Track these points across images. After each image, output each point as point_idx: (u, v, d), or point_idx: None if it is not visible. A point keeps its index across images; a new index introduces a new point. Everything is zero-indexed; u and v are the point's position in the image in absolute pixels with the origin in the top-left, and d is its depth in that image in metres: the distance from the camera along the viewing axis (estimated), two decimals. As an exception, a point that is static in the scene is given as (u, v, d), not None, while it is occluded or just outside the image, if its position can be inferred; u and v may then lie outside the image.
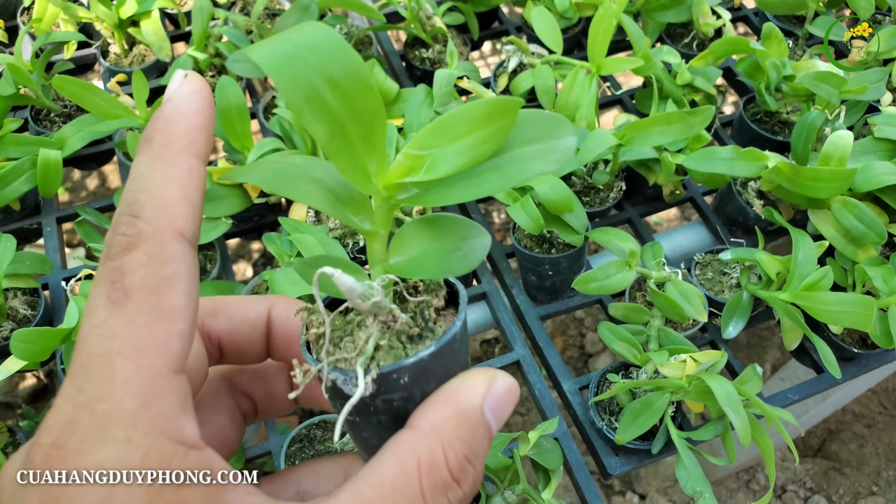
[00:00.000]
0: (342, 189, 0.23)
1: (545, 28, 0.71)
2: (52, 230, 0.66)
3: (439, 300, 0.25)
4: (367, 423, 0.24)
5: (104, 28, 0.75)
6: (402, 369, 0.23)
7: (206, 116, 0.22)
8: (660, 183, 0.67)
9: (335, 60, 0.20)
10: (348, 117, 0.21)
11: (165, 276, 0.21)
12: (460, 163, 0.22)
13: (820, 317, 0.56)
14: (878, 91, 0.69)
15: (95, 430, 0.19)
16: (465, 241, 0.24)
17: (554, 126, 0.22)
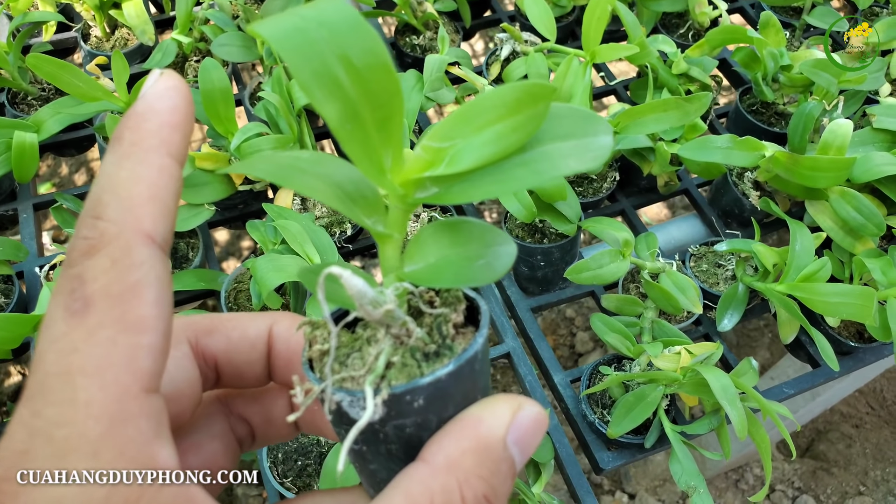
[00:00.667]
0: (353, 187, 0.20)
1: (539, 15, 0.69)
2: (28, 216, 0.64)
3: (458, 315, 0.22)
4: (375, 454, 0.22)
5: (85, 10, 0.73)
6: (417, 390, 0.20)
7: (182, 114, 0.20)
8: (654, 173, 0.66)
9: (350, 37, 0.18)
10: (363, 100, 0.18)
11: (131, 284, 0.18)
12: (487, 154, 0.19)
13: (818, 308, 0.55)
14: (877, 81, 0.68)
15: (53, 460, 0.17)
16: (489, 249, 0.21)
17: (590, 122, 0.21)
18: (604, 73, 0.79)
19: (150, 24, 0.72)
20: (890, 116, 0.64)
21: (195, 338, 0.25)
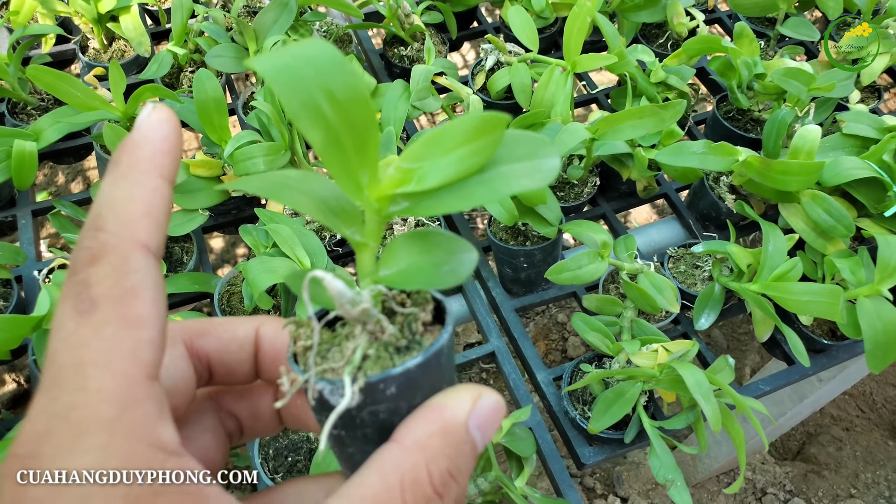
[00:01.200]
0: (335, 201, 0.23)
1: (521, 27, 0.72)
2: (27, 223, 0.66)
3: (426, 314, 0.24)
4: (352, 438, 0.24)
5: (83, 23, 0.75)
6: (390, 379, 0.23)
7: (172, 142, 0.23)
8: (633, 178, 0.68)
9: (333, 74, 0.21)
10: (343, 127, 0.21)
11: (130, 286, 0.21)
12: (451, 174, 0.22)
13: (789, 307, 0.57)
14: (847, 88, 0.71)
15: (71, 438, 0.19)
16: (453, 256, 0.24)
17: (540, 147, 0.23)
18: (585, 82, 0.81)
19: (146, 36, 0.75)
20: (859, 122, 0.66)
21: (190, 339, 0.27)
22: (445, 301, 0.24)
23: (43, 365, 0.20)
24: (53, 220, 0.61)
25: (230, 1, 0.81)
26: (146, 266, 0.21)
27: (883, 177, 0.61)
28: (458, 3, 0.80)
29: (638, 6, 0.80)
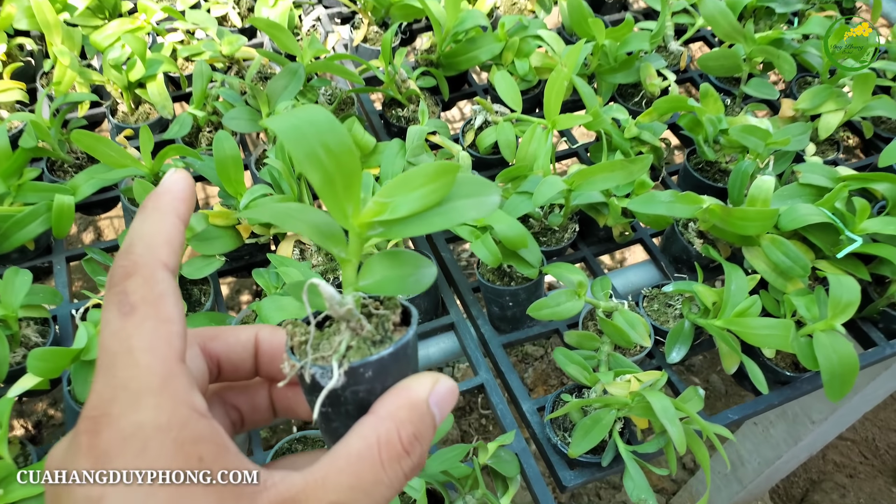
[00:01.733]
0: (326, 227, 0.29)
1: (506, 89, 0.80)
2: (61, 268, 0.73)
3: (396, 316, 0.31)
4: (337, 413, 0.30)
5: (114, 89, 0.84)
6: (367, 365, 0.28)
7: (187, 193, 0.30)
8: (609, 225, 0.75)
9: (328, 132, 0.27)
10: (335, 171, 0.28)
11: (159, 293, 0.27)
12: (415, 207, 0.28)
13: (749, 340, 0.63)
14: (802, 143, 0.78)
15: (131, 401, 0.25)
16: (417, 270, 0.31)
17: (484, 187, 0.30)
18: (567, 137, 0.89)
19: (169, 100, 0.83)
20: (814, 173, 0.73)
21: (203, 342, 0.34)
22: (412, 307, 0.31)
23: (98, 354, 0.27)
24: (87, 265, 0.68)
25: (244, 68, 0.90)
26: (167, 279, 0.28)
27: (835, 222, 0.68)
28: (450, 69, 0.88)
29: (614, 69, 0.88)
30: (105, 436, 0.25)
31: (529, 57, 0.88)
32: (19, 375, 0.58)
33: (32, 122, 0.71)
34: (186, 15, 0.89)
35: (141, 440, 0.25)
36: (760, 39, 0.87)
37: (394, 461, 0.27)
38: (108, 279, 0.28)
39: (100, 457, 0.25)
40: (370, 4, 0.96)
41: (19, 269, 0.63)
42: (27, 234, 0.69)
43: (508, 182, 0.74)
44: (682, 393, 0.67)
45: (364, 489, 0.27)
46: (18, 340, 0.63)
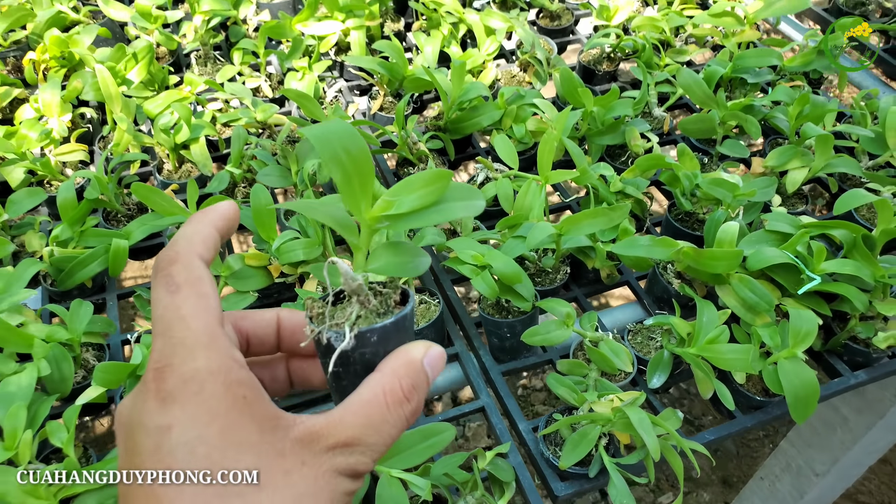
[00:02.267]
0: (343, 219, 0.37)
1: (505, 150, 0.91)
2: (113, 304, 0.83)
3: (397, 296, 0.38)
4: (346, 372, 0.36)
5: (161, 150, 0.96)
6: (373, 331, 0.35)
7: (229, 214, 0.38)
8: (597, 267, 0.84)
9: (348, 139, 0.35)
10: (353, 172, 0.35)
11: (197, 276, 0.34)
12: (416, 205, 0.36)
13: (719, 364, 0.71)
14: (768, 194, 0.88)
15: (188, 353, 0.32)
16: (414, 258, 0.38)
17: (473, 193, 0.38)
18: (560, 192, 0.99)
19: (209, 159, 0.94)
20: (779, 221, 0.82)
21: (235, 321, 0.41)
22: (411, 290, 0.39)
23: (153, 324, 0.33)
24: (137, 301, 0.78)
25: (275, 133, 1.02)
26: (203, 267, 0.35)
27: (797, 263, 0.77)
28: (456, 133, 1.00)
29: (601, 132, 0.99)
30: (169, 380, 0.31)
31: (526, 122, 0.99)
32: (80, 393, 0.67)
33: (96, 177, 0.83)
34: (225, 87, 1.02)
35: (198, 382, 0.31)
36: (732, 106, 0.98)
37: (397, 405, 0.35)
38: (154, 265, 0.36)
39: (166, 397, 0.31)
40: (385, 78, 1.09)
41: (83, 301, 0.73)
42: (87, 273, 0.79)
43: (506, 229, 0.84)
44: (661, 412, 0.75)
45: (374, 426, 0.34)
46: (80, 363, 0.73)
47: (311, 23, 1.13)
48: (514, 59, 1.24)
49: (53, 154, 0.93)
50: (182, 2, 1.28)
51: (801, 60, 1.12)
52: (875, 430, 1.40)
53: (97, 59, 0.99)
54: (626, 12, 1.27)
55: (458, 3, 1.21)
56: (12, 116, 1.00)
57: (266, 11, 1.24)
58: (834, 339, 0.80)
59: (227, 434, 0.31)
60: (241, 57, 1.11)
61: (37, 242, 0.83)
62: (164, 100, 0.96)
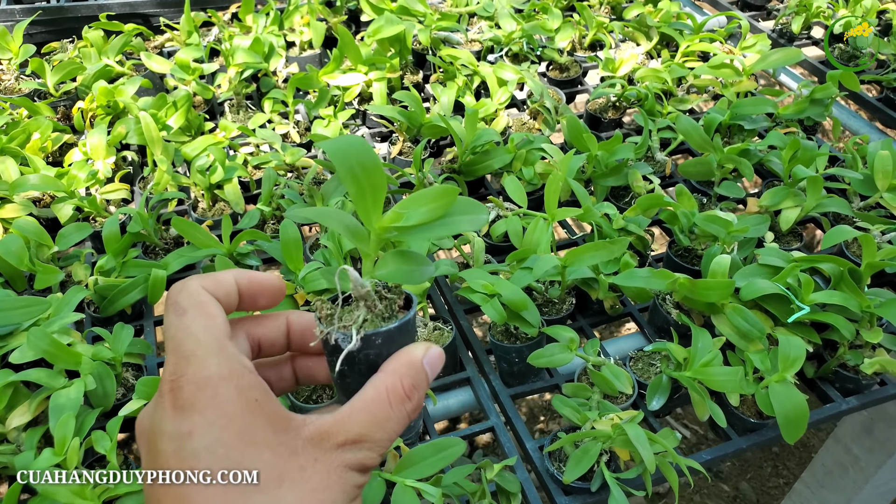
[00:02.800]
0: (355, 228, 0.39)
1: (515, 191, 0.98)
2: (150, 330, 0.90)
3: (401, 301, 0.40)
4: (352, 371, 0.37)
5: (196, 190, 1.04)
6: (378, 334, 0.37)
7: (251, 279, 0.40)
8: (601, 298, 0.90)
9: (362, 153, 0.36)
10: (367, 184, 0.37)
11: (201, 301, 0.36)
12: (423, 219, 0.37)
13: (712, 385, 0.76)
14: (761, 231, 0.93)
15: (199, 363, 0.34)
16: (420, 266, 0.39)
17: (477, 207, 0.39)
18: (567, 230, 1.05)
19: (241, 198, 1.02)
20: (771, 256, 0.88)
21: (247, 329, 0.42)
22: (413, 295, 0.41)
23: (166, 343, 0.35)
24: (173, 326, 0.85)
25: (303, 174, 1.09)
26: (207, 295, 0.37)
27: (787, 293, 0.82)
28: (469, 175, 1.07)
29: (605, 174, 1.06)
30: (185, 389, 0.33)
31: (534, 165, 1.06)
32: (120, 408, 0.74)
33: (137, 213, 0.91)
34: (257, 132, 1.11)
35: (212, 388, 0.33)
36: (729, 150, 1.05)
37: (399, 403, 0.37)
38: (166, 297, 0.38)
39: (183, 405, 0.33)
40: (405, 125, 1.17)
41: (125, 325, 0.80)
42: (128, 300, 0.86)
43: (515, 262, 0.90)
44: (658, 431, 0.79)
45: (378, 423, 0.36)
46: (121, 381, 0.79)
47: (336, 75, 1.22)
48: (525, 108, 1.32)
49: (99, 193, 1.01)
50: (217, 55, 1.38)
51: (794, 108, 1.19)
52: (885, 468, 1.42)
53: (140, 107, 1.08)
54: (630, 64, 1.35)
55: (473, 57, 1.30)
56: (62, 159, 1.09)
57: (294, 64, 1.33)
58: (825, 366, 0.85)
59: (244, 435, 0.33)
60: (271, 105, 1.20)
61: (82, 272, 0.91)
62: (201, 144, 1.05)
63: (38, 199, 1.04)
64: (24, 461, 0.66)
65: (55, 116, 1.19)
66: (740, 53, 1.40)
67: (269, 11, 1.39)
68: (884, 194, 1.01)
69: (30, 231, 0.88)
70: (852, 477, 1.48)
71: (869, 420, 1.36)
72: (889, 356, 0.82)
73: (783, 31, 1.60)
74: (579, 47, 1.52)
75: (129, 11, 1.48)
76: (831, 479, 1.55)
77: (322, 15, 1.48)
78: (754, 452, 2.13)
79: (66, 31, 1.42)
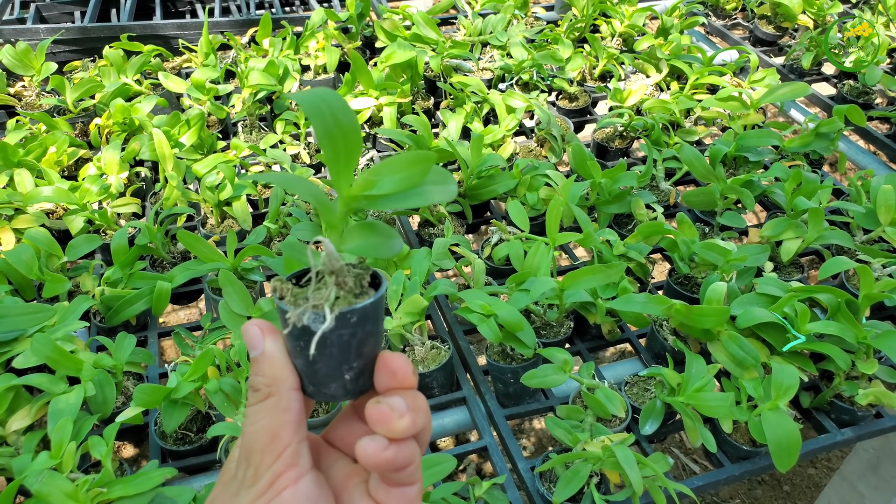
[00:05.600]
0: (321, 196, 0.35)
1: (517, 215, 0.99)
2: (153, 341, 0.92)
3: (368, 277, 0.36)
4: (322, 356, 0.34)
5: (206, 207, 1.06)
6: (354, 311, 0.33)
7: None
8: (598, 322, 0.91)
9: (339, 110, 0.33)
10: (342, 146, 0.33)
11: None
12: (397, 186, 0.34)
13: (704, 411, 0.76)
14: (760, 260, 0.94)
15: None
16: (388, 241, 0.36)
17: (447, 177, 0.36)
18: (569, 255, 1.06)
19: (249, 216, 1.04)
20: (769, 285, 0.88)
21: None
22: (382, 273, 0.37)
23: None
24: (175, 339, 0.87)
25: (310, 194, 1.12)
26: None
27: (783, 322, 0.82)
28: (474, 199, 1.09)
29: (608, 201, 1.07)
30: None
31: (538, 191, 1.08)
32: (112, 419, 0.75)
33: (147, 227, 0.93)
34: (267, 152, 1.13)
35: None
36: (733, 181, 1.06)
37: None
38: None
39: None
40: (413, 149, 1.19)
41: (127, 334, 0.82)
42: (132, 311, 0.88)
43: (515, 284, 0.91)
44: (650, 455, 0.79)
45: None
46: (121, 389, 0.81)
47: (348, 98, 1.25)
48: (533, 136, 1.34)
49: (110, 206, 1.04)
50: (233, 76, 1.42)
51: (800, 142, 1.20)
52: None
53: (154, 125, 1.11)
54: (638, 95, 1.37)
55: (483, 85, 1.33)
56: (77, 174, 1.12)
57: (308, 87, 1.37)
58: (820, 396, 0.85)
59: None
60: (283, 127, 1.23)
61: (90, 283, 0.93)
62: (211, 161, 1.07)
63: (52, 211, 1.07)
64: (21, 464, 0.67)
65: (73, 132, 1.23)
66: (749, 87, 1.42)
67: (285, 36, 1.43)
68: (886, 228, 1.02)
69: (41, 241, 0.90)
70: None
71: (875, 458, 1.34)
72: (884, 388, 0.81)
73: (794, 67, 1.62)
74: (589, 77, 1.55)
75: (150, 33, 1.52)
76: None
77: (337, 41, 1.52)
78: (765, 491, 2.10)
79: (88, 50, 1.47)
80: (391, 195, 0.35)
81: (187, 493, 0.68)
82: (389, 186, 0.35)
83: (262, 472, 0.35)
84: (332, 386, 0.37)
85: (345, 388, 0.37)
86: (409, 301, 0.83)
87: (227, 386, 0.75)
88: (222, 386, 0.75)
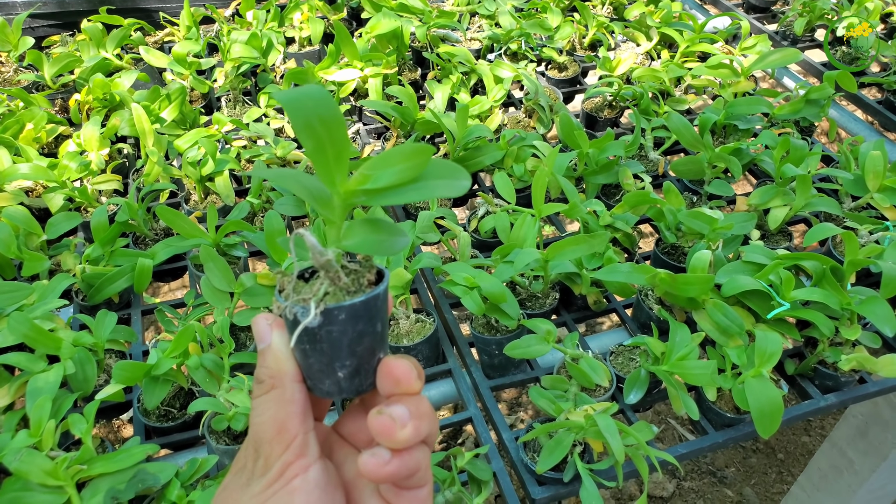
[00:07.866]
0: (317, 191, 0.34)
1: (503, 187, 0.98)
2: (137, 318, 0.91)
3: (371, 275, 0.35)
4: (314, 350, 0.34)
5: (189, 183, 1.05)
6: (341, 308, 0.33)
7: None
8: (584, 293, 0.90)
9: (322, 105, 0.31)
10: (327, 141, 0.32)
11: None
12: (394, 180, 0.33)
13: (687, 379, 0.76)
14: (746, 228, 0.93)
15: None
16: (392, 237, 0.34)
17: (457, 171, 0.34)
18: (557, 227, 1.05)
19: (232, 191, 1.03)
20: (755, 253, 0.88)
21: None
22: (386, 269, 0.37)
23: None
24: (159, 316, 0.86)
25: (295, 167, 1.10)
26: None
27: (768, 290, 0.82)
28: (459, 169, 1.08)
29: (596, 171, 1.06)
30: None
31: (525, 162, 1.07)
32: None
33: (127, 203, 0.92)
34: (251, 126, 1.12)
35: None
36: (722, 150, 1.05)
37: None
38: None
39: None
40: (398, 121, 1.18)
41: (108, 312, 0.81)
42: (114, 289, 0.88)
43: (500, 256, 0.90)
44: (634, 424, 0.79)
45: None
46: (103, 367, 0.80)
47: (332, 70, 1.23)
48: (522, 106, 1.32)
49: (91, 183, 1.03)
50: (217, 50, 1.40)
51: (790, 109, 1.19)
52: (879, 472, 1.40)
53: (135, 100, 1.10)
54: (628, 64, 1.35)
55: (471, 55, 1.31)
56: (57, 151, 1.11)
57: (293, 60, 1.35)
58: (804, 362, 0.85)
59: None
60: (266, 100, 1.21)
61: (71, 262, 0.92)
62: (193, 136, 1.06)
63: (31, 189, 1.06)
64: (0, 443, 0.67)
65: (53, 109, 1.21)
66: (740, 54, 1.40)
67: (269, 8, 1.41)
68: (874, 195, 1.01)
69: (19, 219, 0.89)
70: (847, 480, 1.46)
71: (864, 423, 1.35)
72: (867, 353, 0.81)
73: (787, 34, 1.59)
74: (579, 47, 1.52)
75: (130, 6, 1.50)
76: (827, 483, 1.53)
77: (322, 12, 1.49)
78: (760, 460, 2.12)
79: (67, 25, 1.45)
80: (389, 189, 0.34)
81: (169, 469, 0.67)
82: (386, 180, 0.33)
83: (272, 462, 0.35)
84: (327, 382, 0.37)
85: (339, 387, 0.37)
86: (393, 274, 0.82)
87: (209, 362, 0.75)
88: (203, 362, 0.75)
